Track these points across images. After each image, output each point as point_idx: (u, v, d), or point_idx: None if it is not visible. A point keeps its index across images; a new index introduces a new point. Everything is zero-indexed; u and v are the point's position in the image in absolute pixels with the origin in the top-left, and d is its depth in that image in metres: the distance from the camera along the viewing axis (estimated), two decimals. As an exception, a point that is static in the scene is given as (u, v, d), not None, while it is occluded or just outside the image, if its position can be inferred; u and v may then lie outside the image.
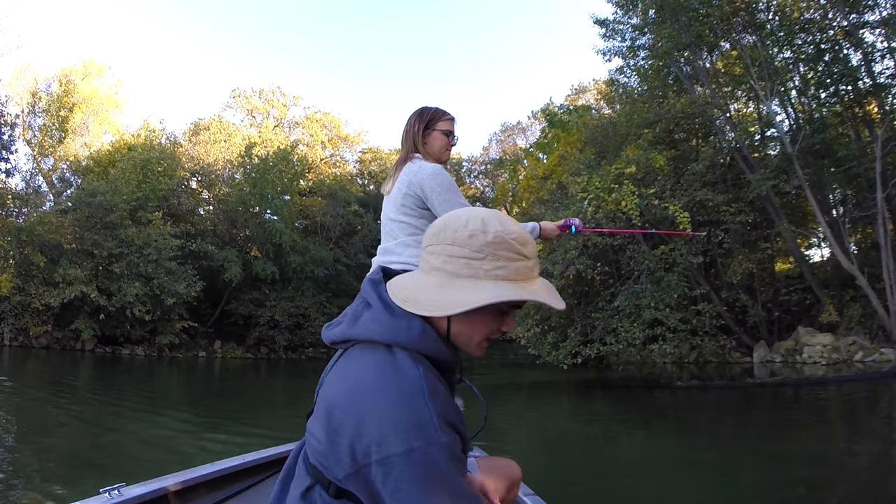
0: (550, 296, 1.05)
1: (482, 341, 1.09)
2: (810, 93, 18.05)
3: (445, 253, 1.03)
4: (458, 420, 0.98)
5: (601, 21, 20.09)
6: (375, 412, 0.92)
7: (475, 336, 1.07)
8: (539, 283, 1.06)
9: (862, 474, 5.31)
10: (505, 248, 1.01)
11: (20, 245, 21.03)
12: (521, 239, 1.03)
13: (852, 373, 14.08)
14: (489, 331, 1.07)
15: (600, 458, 6.60)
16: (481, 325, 1.06)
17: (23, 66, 27.58)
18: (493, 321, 1.06)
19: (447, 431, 0.92)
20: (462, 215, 1.05)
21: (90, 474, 5.04)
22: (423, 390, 0.93)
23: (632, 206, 12.94)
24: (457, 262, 1.02)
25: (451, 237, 1.03)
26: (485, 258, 1.00)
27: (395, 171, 2.47)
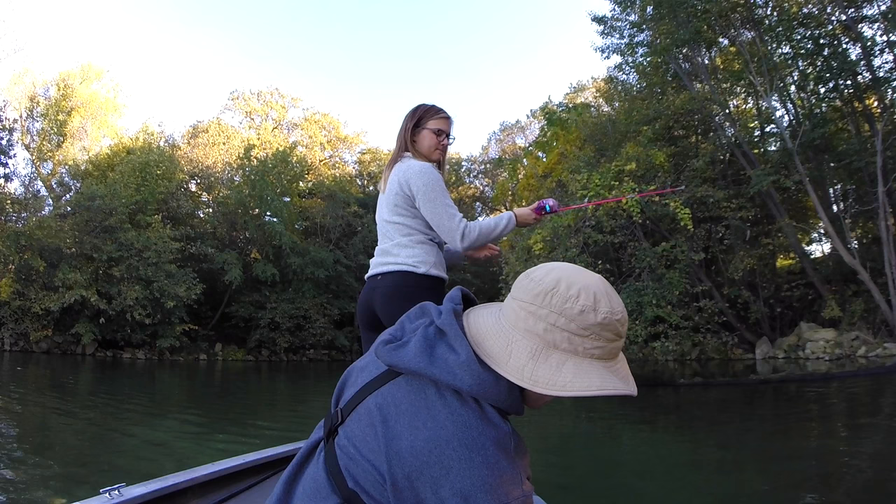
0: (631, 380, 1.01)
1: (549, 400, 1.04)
2: (809, 88, 18.02)
3: (549, 321, 0.97)
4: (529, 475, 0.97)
5: (599, 18, 20.07)
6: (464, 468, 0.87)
7: (543, 399, 1.03)
8: (621, 361, 1.02)
9: (867, 470, 5.26)
10: (609, 329, 0.96)
11: (19, 250, 20.97)
12: (624, 319, 0.98)
13: (856, 368, 14.03)
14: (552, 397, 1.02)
15: (603, 457, 6.55)
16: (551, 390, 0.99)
17: (21, 71, 27.55)
18: None
19: (526, 485, 0.91)
20: (574, 284, 0.98)
21: (91, 475, 5.02)
22: (511, 450, 0.91)
23: (632, 203, 12.89)
24: (558, 334, 0.96)
25: (560, 307, 0.96)
26: (588, 337, 0.96)
27: (387, 170, 2.45)
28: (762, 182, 15.66)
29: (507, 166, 29.43)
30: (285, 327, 27.82)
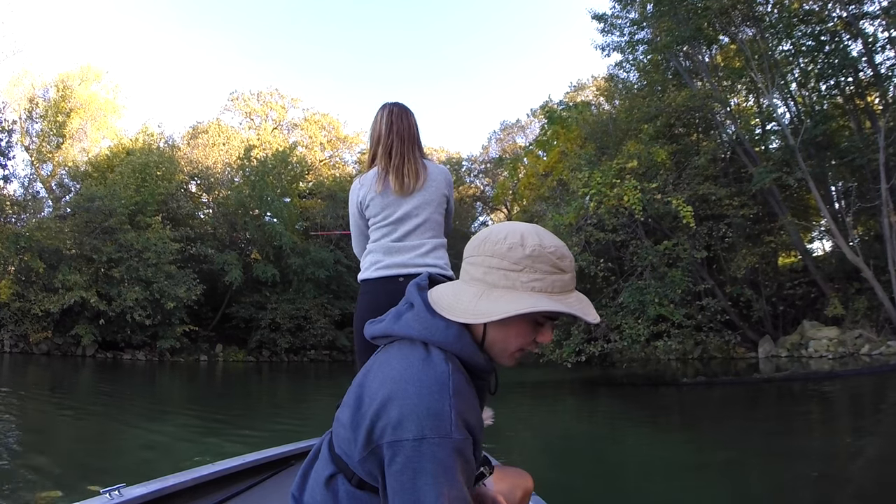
0: (585, 309, 1.08)
1: (516, 352, 1.12)
2: (811, 85, 17.96)
3: (485, 265, 1.08)
4: (477, 426, 1.02)
5: (599, 16, 20.01)
6: (399, 398, 0.97)
7: (510, 346, 1.10)
8: (574, 296, 1.09)
9: (872, 471, 5.20)
10: (542, 261, 1.05)
11: (19, 251, 20.92)
12: (559, 253, 1.07)
13: (859, 366, 13.97)
14: (524, 342, 1.11)
15: (605, 457, 6.48)
16: (516, 335, 1.09)
17: (20, 73, 27.49)
18: (528, 332, 1.10)
19: (462, 430, 0.95)
20: (503, 229, 1.10)
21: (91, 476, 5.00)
22: (447, 386, 0.98)
23: (634, 201, 12.82)
24: (496, 274, 1.07)
25: (491, 249, 1.08)
26: (522, 270, 1.05)
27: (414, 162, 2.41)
28: (764, 179, 15.60)
29: (507, 166, 29.37)
30: (286, 328, 27.76)
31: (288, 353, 28.33)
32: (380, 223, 2.43)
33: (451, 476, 0.92)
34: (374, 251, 2.43)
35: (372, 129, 2.52)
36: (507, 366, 1.15)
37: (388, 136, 2.44)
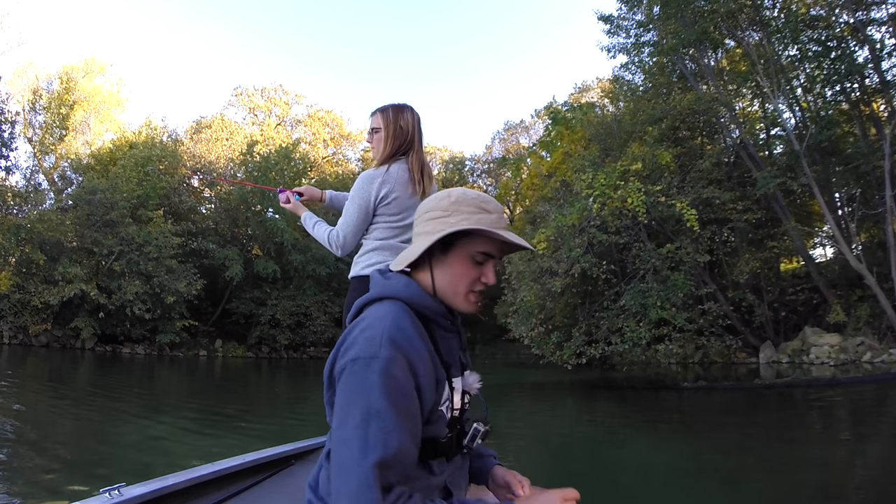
0: (509, 234, 1.22)
1: (467, 293, 1.24)
2: (816, 91, 17.88)
3: (424, 219, 1.26)
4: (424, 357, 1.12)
5: (606, 17, 19.94)
6: (347, 337, 1.14)
7: (458, 286, 1.23)
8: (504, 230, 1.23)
9: (873, 480, 5.12)
10: (466, 203, 1.22)
11: (20, 243, 20.89)
12: (482, 198, 1.25)
13: (861, 374, 13.88)
14: (468, 280, 1.23)
15: (604, 461, 6.41)
16: (460, 275, 1.23)
17: (25, 64, 27.53)
18: (469, 270, 1.23)
19: (390, 348, 1.05)
20: (433, 196, 1.30)
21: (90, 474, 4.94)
22: (386, 317, 1.13)
23: (638, 204, 12.75)
24: (431, 224, 1.23)
25: (426, 207, 1.27)
26: (451, 214, 1.21)
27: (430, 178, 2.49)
28: (768, 184, 15.53)
29: (510, 166, 29.32)
30: (286, 324, 27.71)
31: (287, 349, 28.30)
32: (394, 223, 2.44)
33: (372, 394, 1.00)
34: (381, 249, 2.44)
35: (395, 126, 2.49)
36: (466, 310, 1.27)
37: (419, 139, 2.49)
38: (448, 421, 1.25)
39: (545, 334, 14.42)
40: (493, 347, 32.25)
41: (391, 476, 0.99)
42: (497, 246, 1.24)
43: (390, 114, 2.51)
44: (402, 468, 1.02)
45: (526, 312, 14.05)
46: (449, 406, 1.25)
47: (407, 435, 1.03)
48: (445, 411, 1.23)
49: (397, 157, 2.47)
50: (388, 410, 0.99)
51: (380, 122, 2.53)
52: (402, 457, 1.01)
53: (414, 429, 1.07)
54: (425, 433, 1.15)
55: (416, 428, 1.08)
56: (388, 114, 2.52)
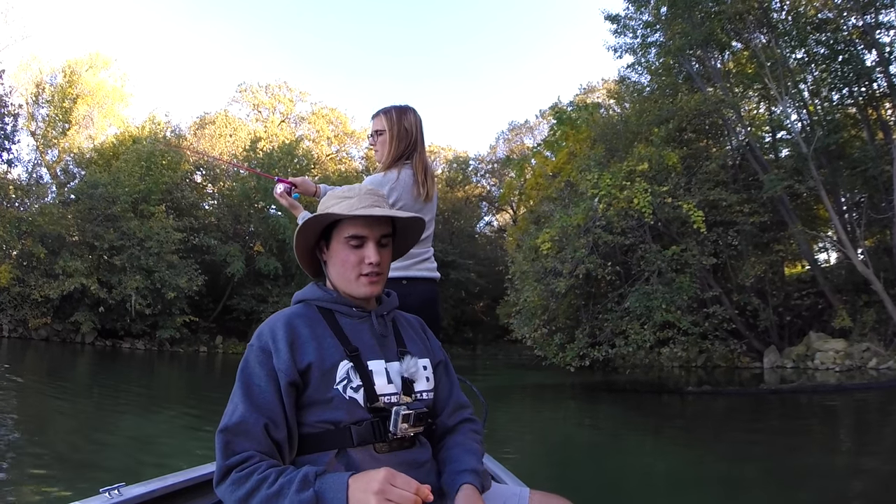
0: (351, 209, 1.33)
1: (357, 276, 1.34)
2: (823, 94, 17.75)
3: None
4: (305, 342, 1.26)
5: (613, 17, 19.80)
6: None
7: (346, 273, 1.35)
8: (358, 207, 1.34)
9: (882, 490, 4.99)
10: (332, 197, 1.40)
11: (20, 236, 20.81)
12: (352, 188, 1.41)
13: (866, 380, 13.73)
14: (351, 265, 1.34)
15: (605, 467, 6.28)
16: (342, 262, 1.35)
17: (29, 58, 27.45)
18: (350, 256, 1.34)
19: (260, 339, 1.27)
20: None
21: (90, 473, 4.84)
22: (278, 316, 1.32)
23: (644, 204, 12.61)
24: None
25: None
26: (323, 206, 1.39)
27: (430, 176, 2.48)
28: (775, 187, 15.38)
29: (514, 166, 29.19)
30: (287, 322, 27.54)
31: (288, 346, 28.12)
32: None
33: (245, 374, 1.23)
34: None
35: (399, 128, 2.45)
36: (363, 294, 1.35)
37: (421, 141, 2.46)
38: (363, 404, 1.24)
39: (548, 336, 14.28)
40: (495, 348, 32.14)
41: (243, 443, 1.14)
42: (363, 225, 1.32)
43: (394, 116, 2.46)
44: (249, 436, 1.14)
45: (529, 313, 13.91)
46: (355, 387, 1.24)
47: (250, 408, 1.17)
48: (343, 391, 1.23)
49: (403, 160, 2.43)
50: (237, 389, 1.21)
51: (384, 125, 2.48)
52: (243, 426, 1.15)
53: (263, 404, 1.18)
54: (322, 416, 1.22)
55: (266, 403, 1.18)
56: (391, 116, 2.47)
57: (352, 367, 1.26)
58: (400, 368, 1.33)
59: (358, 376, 1.25)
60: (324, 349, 1.26)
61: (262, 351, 1.24)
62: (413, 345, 1.43)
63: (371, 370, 1.29)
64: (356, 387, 1.24)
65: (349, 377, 1.25)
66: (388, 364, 1.32)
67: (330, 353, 1.26)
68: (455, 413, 1.46)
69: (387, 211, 1.34)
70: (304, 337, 1.27)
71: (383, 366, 1.31)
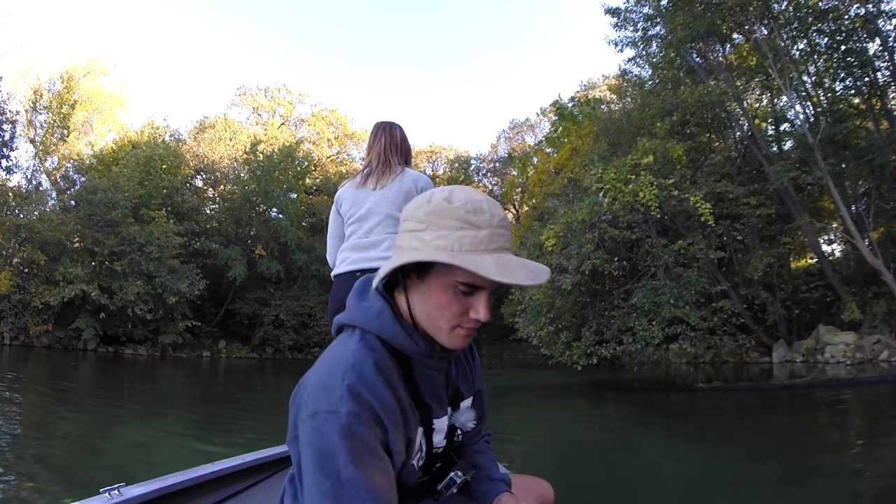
0: (493, 267, 0.93)
1: (452, 328, 1.00)
2: (826, 85, 17.61)
3: (402, 230, 1.01)
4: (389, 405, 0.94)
5: (613, 10, 19.63)
6: (306, 379, 0.97)
7: (438, 320, 1.00)
8: (493, 257, 0.94)
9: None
10: (446, 216, 0.95)
11: (20, 243, 20.71)
12: (470, 206, 0.96)
13: (878, 373, 13.53)
14: (451, 314, 0.99)
15: (618, 467, 6.06)
16: (439, 308, 0.99)
17: (27, 65, 27.40)
18: (451, 304, 0.98)
19: (350, 402, 0.89)
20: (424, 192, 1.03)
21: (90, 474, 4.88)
22: (348, 362, 0.94)
23: (651, 198, 12.41)
24: (408, 237, 0.99)
25: (407, 213, 1.01)
26: (426, 228, 0.96)
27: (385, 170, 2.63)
28: (781, 178, 15.20)
29: (516, 164, 29.04)
30: (290, 325, 27.50)
31: (292, 350, 28.09)
32: (349, 220, 2.64)
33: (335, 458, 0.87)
34: (345, 249, 2.65)
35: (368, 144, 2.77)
36: (452, 347, 1.04)
37: (376, 144, 2.70)
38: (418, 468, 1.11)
39: (554, 334, 14.06)
40: (500, 347, 31.97)
41: None
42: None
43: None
44: None
45: (534, 311, 13.67)
46: (421, 456, 1.10)
47: (382, 497, 0.90)
48: (415, 463, 1.08)
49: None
50: (359, 478, 0.87)
51: None
52: None
53: (388, 485, 0.93)
54: None
55: (389, 483, 0.94)
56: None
57: (423, 433, 1.08)
58: (454, 419, 1.19)
59: (425, 441, 1.10)
60: (407, 411, 1.01)
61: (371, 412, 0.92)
62: (465, 383, 1.24)
63: (434, 429, 1.12)
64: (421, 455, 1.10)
65: (420, 447, 1.09)
66: (447, 417, 1.17)
67: (411, 423, 1.02)
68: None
69: (542, 275, 0.98)
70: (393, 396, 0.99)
71: (445, 423, 1.16)
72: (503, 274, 0.92)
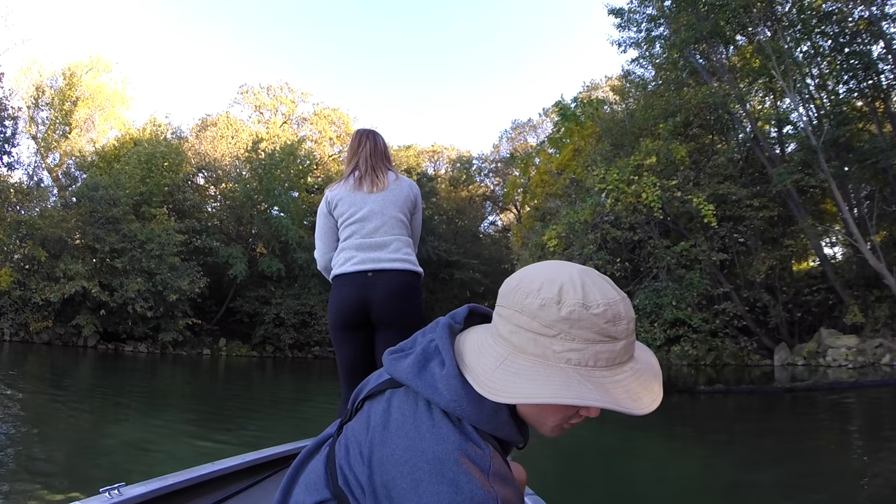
0: (633, 395, 0.82)
1: (558, 426, 0.91)
2: (829, 87, 17.57)
3: (513, 321, 0.86)
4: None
5: (616, 11, 19.59)
6: (431, 482, 0.78)
7: (549, 420, 0.90)
8: (627, 371, 0.84)
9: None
10: (583, 325, 0.81)
11: (21, 239, 20.69)
12: (610, 314, 0.82)
13: (880, 376, 13.48)
14: (564, 416, 0.89)
15: (619, 473, 6.04)
16: (555, 411, 0.88)
17: (29, 62, 27.38)
18: (568, 409, 0.87)
19: None
20: (538, 276, 0.87)
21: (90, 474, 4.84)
22: (487, 471, 0.79)
23: (653, 198, 12.37)
24: (523, 336, 0.85)
25: (521, 304, 0.85)
26: (556, 336, 0.82)
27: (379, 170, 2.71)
28: (784, 180, 15.17)
29: (518, 164, 29.00)
30: (290, 323, 27.45)
31: (292, 348, 28.05)
32: (347, 221, 2.63)
33: None
34: (347, 248, 2.61)
35: (349, 150, 2.82)
36: (550, 436, 0.94)
37: (361, 150, 2.74)
38: None
39: (556, 334, 14.04)
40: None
41: None
42: None
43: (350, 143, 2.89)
44: None
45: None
46: None
47: None
48: None
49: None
50: None
51: None
52: None
53: None
54: None
55: None
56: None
57: None
58: None
59: None
60: None
61: None
62: None
63: None
64: None
65: None
66: None
67: None
68: None
69: (647, 406, 0.85)
70: None
71: None
72: (640, 404, 0.83)
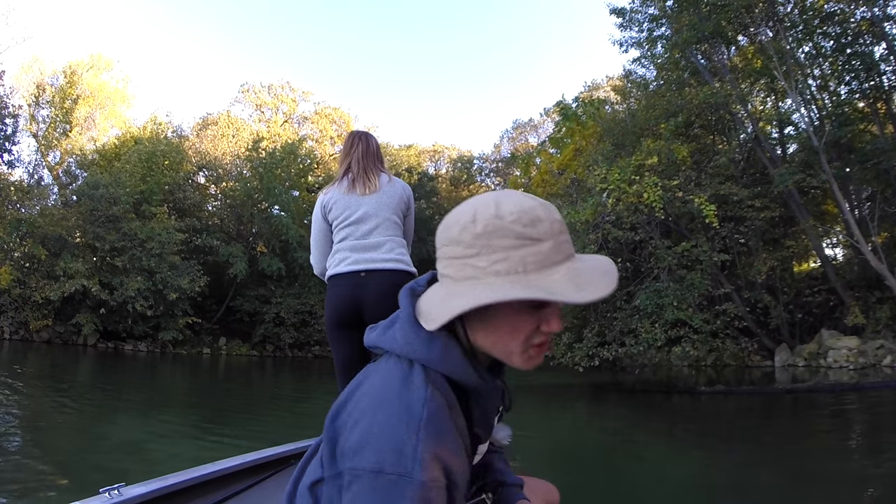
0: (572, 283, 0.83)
1: (524, 350, 0.89)
2: (831, 88, 17.55)
3: (446, 255, 0.90)
4: (455, 463, 0.84)
5: (618, 10, 19.55)
6: (366, 422, 0.83)
7: (510, 344, 0.89)
8: (562, 269, 0.84)
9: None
10: (500, 234, 0.84)
11: (21, 237, 20.69)
12: (526, 218, 0.84)
13: (881, 378, 13.45)
14: (524, 335, 0.88)
15: (620, 474, 6.01)
16: (511, 332, 0.88)
17: (30, 60, 27.40)
18: (524, 324, 0.87)
19: (427, 470, 0.78)
20: (458, 209, 0.91)
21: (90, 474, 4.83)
22: (420, 416, 0.82)
23: (655, 199, 12.34)
24: (456, 265, 0.88)
25: (447, 237, 0.90)
26: (478, 253, 0.85)
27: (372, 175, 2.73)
28: (786, 181, 15.13)
29: (519, 164, 28.96)
30: (290, 323, 27.45)
31: (292, 348, 28.05)
32: (341, 223, 2.67)
33: None
34: (342, 250, 2.67)
35: (342, 152, 2.86)
36: (527, 368, 0.93)
37: (353, 152, 2.77)
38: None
39: (556, 335, 14.00)
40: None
41: None
42: None
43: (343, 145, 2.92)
44: None
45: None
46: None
47: None
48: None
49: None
50: None
51: None
52: None
53: None
54: None
55: None
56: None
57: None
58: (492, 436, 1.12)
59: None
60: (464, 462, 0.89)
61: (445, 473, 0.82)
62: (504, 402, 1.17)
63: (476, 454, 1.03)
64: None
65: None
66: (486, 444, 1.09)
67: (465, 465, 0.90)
68: None
69: (614, 274, 0.87)
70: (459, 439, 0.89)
71: (486, 446, 1.09)
72: (583, 292, 0.82)
